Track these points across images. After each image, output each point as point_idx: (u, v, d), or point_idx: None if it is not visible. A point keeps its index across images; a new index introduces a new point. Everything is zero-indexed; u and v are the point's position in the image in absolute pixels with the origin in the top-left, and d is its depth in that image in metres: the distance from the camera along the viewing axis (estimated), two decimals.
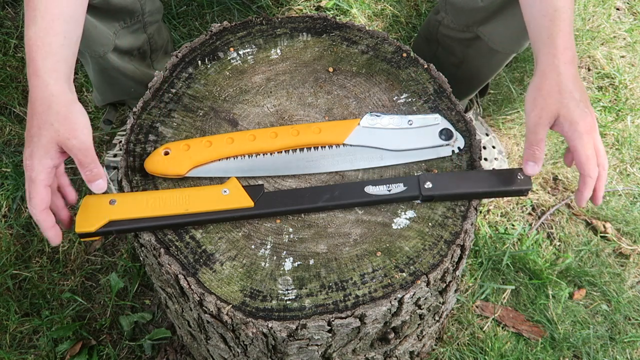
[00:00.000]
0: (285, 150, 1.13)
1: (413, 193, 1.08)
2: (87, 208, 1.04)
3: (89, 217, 1.03)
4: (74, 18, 1.02)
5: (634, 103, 2.03)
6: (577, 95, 1.02)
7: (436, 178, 1.08)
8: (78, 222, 1.03)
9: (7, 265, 1.69)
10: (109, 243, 1.75)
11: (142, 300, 1.67)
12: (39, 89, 0.97)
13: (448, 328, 1.63)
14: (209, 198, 1.06)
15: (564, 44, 1.03)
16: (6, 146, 1.89)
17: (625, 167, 1.91)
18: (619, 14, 2.25)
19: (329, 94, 1.22)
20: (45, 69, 0.97)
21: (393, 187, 1.08)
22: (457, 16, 1.49)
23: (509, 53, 1.54)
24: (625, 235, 1.79)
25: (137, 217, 1.04)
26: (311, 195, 1.08)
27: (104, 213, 1.03)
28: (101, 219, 1.03)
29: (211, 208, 1.05)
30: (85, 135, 0.97)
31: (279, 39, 1.29)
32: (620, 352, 1.61)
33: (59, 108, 0.96)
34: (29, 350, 1.60)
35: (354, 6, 2.16)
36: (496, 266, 1.72)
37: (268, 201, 1.07)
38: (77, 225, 1.03)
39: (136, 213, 1.04)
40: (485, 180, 1.09)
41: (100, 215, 1.03)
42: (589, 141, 1.02)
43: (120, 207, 1.04)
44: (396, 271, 1.04)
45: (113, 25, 1.47)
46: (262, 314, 1.00)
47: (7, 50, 2.06)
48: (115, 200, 1.04)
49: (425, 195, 1.07)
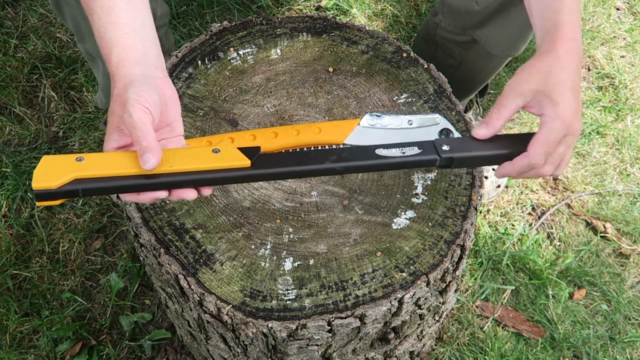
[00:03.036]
0: (285, 150, 1.13)
1: (430, 156, 0.96)
2: (48, 165, 0.86)
3: (50, 173, 0.85)
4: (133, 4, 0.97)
5: (634, 103, 2.03)
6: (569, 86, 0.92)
7: (452, 141, 0.98)
8: (36, 178, 0.84)
9: (7, 265, 1.69)
10: (109, 243, 1.75)
11: (142, 300, 1.67)
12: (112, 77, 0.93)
13: (448, 328, 1.63)
14: (197, 157, 0.90)
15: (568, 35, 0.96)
16: (6, 146, 1.89)
17: (625, 167, 1.91)
18: (619, 14, 2.25)
19: (329, 94, 1.22)
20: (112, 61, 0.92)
21: (407, 150, 0.96)
22: (453, 19, 1.50)
23: (505, 56, 1.55)
24: (625, 235, 1.78)
25: (109, 174, 0.86)
26: (317, 156, 0.94)
27: (68, 169, 0.85)
28: (65, 175, 0.85)
29: (201, 167, 0.89)
30: (135, 110, 0.86)
31: (279, 39, 1.29)
32: (620, 352, 1.61)
33: (118, 90, 0.90)
34: (29, 350, 1.60)
35: (354, 6, 2.16)
36: (496, 266, 1.72)
37: (267, 161, 0.92)
38: (34, 181, 0.84)
39: (108, 170, 0.86)
40: (502, 143, 1.00)
41: (64, 171, 0.85)
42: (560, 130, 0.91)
43: (89, 164, 0.86)
44: (396, 271, 1.04)
45: None
46: (262, 314, 1.00)
47: (7, 50, 2.06)
48: (84, 157, 0.87)
49: (444, 158, 0.96)
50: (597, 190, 1.85)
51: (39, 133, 1.92)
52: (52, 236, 1.74)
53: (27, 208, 1.78)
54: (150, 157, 0.84)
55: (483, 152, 0.98)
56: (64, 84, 1.99)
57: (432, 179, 1.14)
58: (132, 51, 0.92)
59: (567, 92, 0.92)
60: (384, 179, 1.14)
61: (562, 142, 0.92)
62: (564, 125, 0.91)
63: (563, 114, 0.91)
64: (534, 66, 0.94)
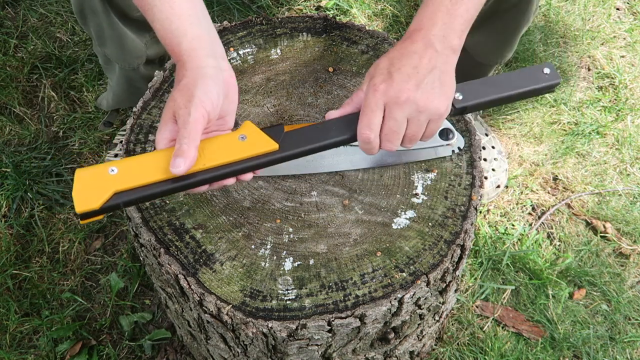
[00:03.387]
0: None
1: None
2: (84, 182, 0.86)
3: (88, 192, 0.85)
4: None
5: (634, 103, 2.03)
6: (384, 66, 0.95)
7: (464, 88, 1.00)
8: (77, 200, 0.84)
9: (7, 265, 1.69)
10: (109, 243, 1.75)
11: (142, 300, 1.67)
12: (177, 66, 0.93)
13: (448, 328, 1.63)
14: (226, 148, 0.90)
15: (410, 29, 0.99)
16: (6, 146, 1.89)
17: (625, 167, 1.91)
18: (619, 14, 2.25)
19: (329, 94, 1.22)
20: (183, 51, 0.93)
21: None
22: None
23: (492, 64, 1.59)
24: (625, 235, 1.78)
25: (145, 183, 0.87)
26: (337, 127, 0.96)
27: (106, 184, 0.85)
28: (104, 192, 0.85)
29: (232, 159, 0.90)
30: (196, 110, 0.87)
31: (279, 39, 1.29)
32: (620, 352, 1.61)
33: (188, 80, 0.90)
34: (29, 350, 1.60)
35: (354, 6, 2.16)
36: (496, 266, 1.72)
37: (293, 140, 0.93)
38: (76, 204, 0.84)
39: (144, 179, 0.86)
40: (513, 82, 1.01)
41: (101, 187, 0.85)
42: (371, 99, 0.93)
43: (124, 175, 0.86)
44: (396, 271, 1.04)
45: (144, 36, 1.49)
46: (262, 314, 1.00)
47: (7, 50, 2.06)
48: (116, 168, 0.86)
49: (458, 108, 0.99)
50: (597, 190, 1.85)
51: (39, 133, 1.92)
52: (52, 236, 1.74)
53: (27, 208, 1.78)
54: (181, 162, 0.85)
55: (495, 95, 1.00)
56: (64, 84, 2.00)
57: (432, 179, 1.14)
58: (202, 41, 0.93)
59: (384, 70, 0.94)
60: (384, 178, 1.14)
61: (388, 115, 0.94)
62: (375, 94, 0.93)
63: (375, 84, 0.93)
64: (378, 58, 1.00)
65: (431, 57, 0.94)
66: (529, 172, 1.88)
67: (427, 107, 0.93)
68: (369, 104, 0.93)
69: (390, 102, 0.93)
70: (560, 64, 2.09)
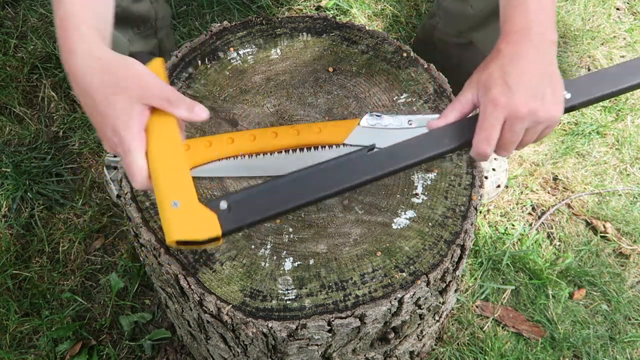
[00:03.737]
0: (285, 150, 1.13)
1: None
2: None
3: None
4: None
5: (634, 103, 2.03)
6: (499, 74, 0.92)
7: (572, 86, 0.97)
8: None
9: (7, 265, 1.69)
10: (109, 243, 1.75)
11: (142, 300, 1.67)
12: (82, 61, 0.87)
13: (448, 328, 1.63)
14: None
15: (513, 28, 0.96)
16: (6, 146, 1.89)
17: (625, 167, 1.91)
18: (619, 14, 2.25)
19: (329, 94, 1.22)
20: (79, 40, 0.87)
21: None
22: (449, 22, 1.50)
23: None
24: (625, 235, 1.79)
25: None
26: (444, 136, 0.93)
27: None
28: (211, 230, 0.83)
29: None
30: (155, 79, 0.87)
31: (279, 39, 1.29)
32: (620, 352, 1.61)
33: (117, 69, 0.87)
34: (29, 350, 1.60)
35: (354, 6, 2.16)
36: (496, 266, 1.72)
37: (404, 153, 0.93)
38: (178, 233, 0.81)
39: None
40: (620, 76, 0.98)
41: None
42: (492, 113, 0.90)
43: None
44: (396, 271, 1.04)
45: (127, 32, 1.48)
46: (262, 313, 1.00)
47: (7, 50, 2.06)
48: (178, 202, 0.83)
49: (567, 108, 0.96)
50: (597, 190, 1.85)
51: (39, 133, 1.92)
52: (52, 236, 1.75)
53: (27, 208, 1.78)
54: (198, 109, 0.87)
55: (607, 90, 0.97)
56: (64, 84, 1.99)
57: (432, 178, 1.14)
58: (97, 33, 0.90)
59: (498, 80, 0.92)
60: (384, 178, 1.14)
61: (507, 129, 0.92)
62: (495, 109, 0.91)
63: (494, 98, 0.91)
64: (483, 63, 0.97)
65: (539, 61, 0.92)
66: (529, 172, 1.88)
67: (546, 117, 0.92)
68: (488, 118, 0.91)
69: (511, 117, 0.91)
70: (560, 64, 2.09)
